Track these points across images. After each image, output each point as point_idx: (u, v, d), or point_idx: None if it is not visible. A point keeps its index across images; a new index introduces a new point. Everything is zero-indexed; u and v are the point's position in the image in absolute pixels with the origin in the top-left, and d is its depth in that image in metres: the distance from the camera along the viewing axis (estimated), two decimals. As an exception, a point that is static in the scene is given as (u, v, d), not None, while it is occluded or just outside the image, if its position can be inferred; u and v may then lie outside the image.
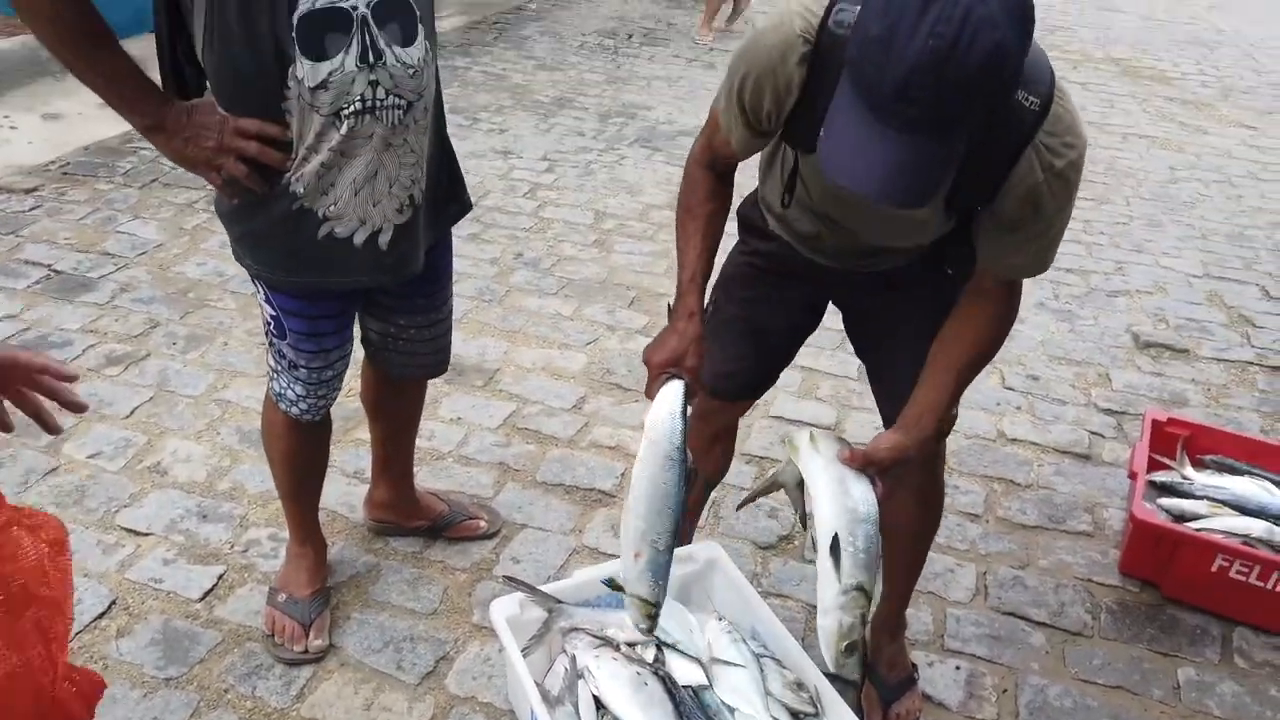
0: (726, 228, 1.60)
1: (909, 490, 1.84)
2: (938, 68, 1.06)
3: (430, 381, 2.14)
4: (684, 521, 1.48)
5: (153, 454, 2.45)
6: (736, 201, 1.72)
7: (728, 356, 1.76)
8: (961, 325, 1.47)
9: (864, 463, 1.40)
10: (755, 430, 2.74)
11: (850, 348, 1.90)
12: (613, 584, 1.69)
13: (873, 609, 1.67)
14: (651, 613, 1.48)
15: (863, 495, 1.39)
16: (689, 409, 1.44)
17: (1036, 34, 1.18)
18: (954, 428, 2.79)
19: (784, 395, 2.87)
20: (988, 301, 1.45)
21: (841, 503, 1.38)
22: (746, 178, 1.62)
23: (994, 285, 1.44)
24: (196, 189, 3.77)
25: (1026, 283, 1.49)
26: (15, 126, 4.27)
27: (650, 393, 1.46)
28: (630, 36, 6.87)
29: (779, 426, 2.77)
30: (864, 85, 1.12)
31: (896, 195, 1.16)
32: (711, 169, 1.55)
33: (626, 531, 1.45)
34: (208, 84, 1.51)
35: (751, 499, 1.68)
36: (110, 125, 4.21)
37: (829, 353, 3.05)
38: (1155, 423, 2.53)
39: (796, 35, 1.31)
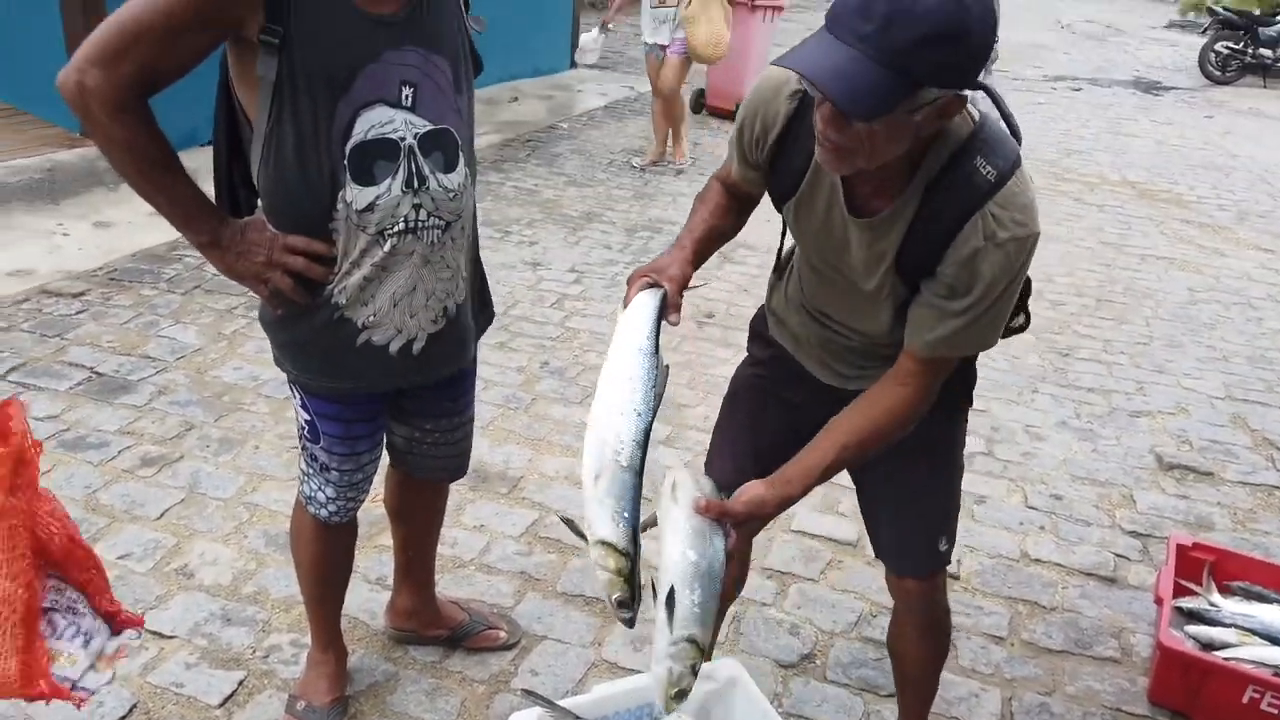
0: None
1: (912, 621, 1.84)
2: None
3: (454, 488, 2.17)
4: (648, 448, 1.31)
5: (180, 556, 2.49)
6: (749, 305, 1.79)
7: (734, 469, 1.79)
8: (868, 400, 1.48)
9: (718, 514, 1.38)
10: (776, 544, 2.74)
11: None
12: (572, 526, 1.47)
13: (710, 657, 1.61)
14: (621, 567, 1.29)
15: (710, 548, 1.36)
16: (664, 314, 1.41)
17: (1054, 156, 1.27)
18: (976, 547, 2.80)
19: (805, 509, 2.87)
20: (901, 383, 1.47)
21: (685, 554, 1.34)
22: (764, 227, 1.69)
23: (914, 365, 1.44)
24: (237, 295, 3.91)
25: (1047, 401, 1.53)
26: (68, 234, 4.47)
27: (627, 299, 1.45)
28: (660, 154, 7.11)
29: (800, 541, 2.77)
30: (831, 12, 1.20)
31: (832, 88, 1.16)
32: (725, 186, 1.65)
33: (588, 451, 1.32)
34: (259, 202, 1.60)
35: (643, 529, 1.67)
36: (157, 233, 4.40)
37: (850, 468, 3.06)
38: (1180, 547, 2.52)
39: (794, 77, 1.42)
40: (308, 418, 1.76)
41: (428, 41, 1.53)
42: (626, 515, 1.28)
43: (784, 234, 1.71)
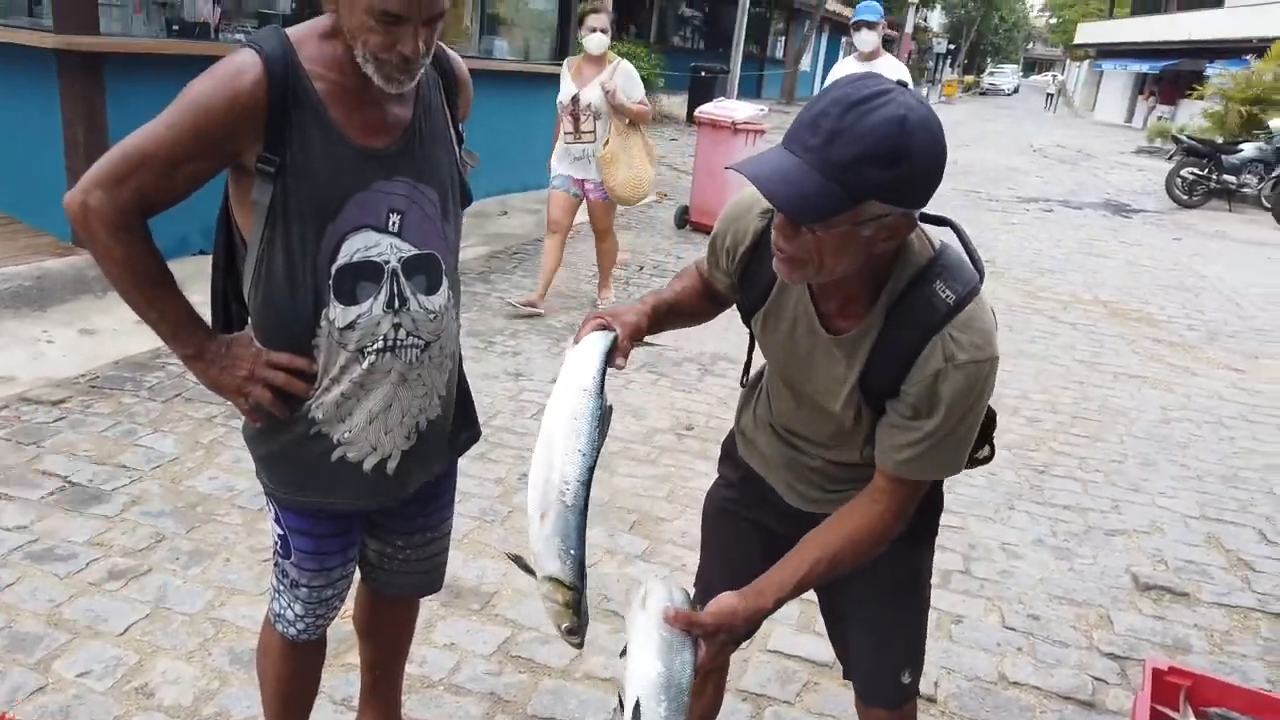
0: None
1: None
2: (845, 108, 1.20)
3: (425, 603, 2.14)
4: (591, 486, 1.37)
5: (142, 674, 2.43)
6: (728, 418, 1.83)
7: (711, 580, 1.81)
8: (841, 519, 1.50)
9: (686, 625, 1.38)
10: (752, 665, 2.70)
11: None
12: (520, 562, 1.48)
13: None
14: (570, 600, 1.33)
15: (679, 661, 1.35)
16: (612, 357, 1.43)
17: (1028, 274, 1.34)
18: (953, 669, 2.77)
19: (782, 628, 2.85)
20: (875, 500, 1.49)
21: (654, 665, 1.33)
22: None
23: (887, 483, 1.47)
24: (216, 404, 3.92)
25: (1024, 519, 1.56)
26: (52, 340, 4.50)
27: (578, 338, 1.47)
28: (641, 268, 7.28)
29: (776, 661, 2.73)
30: (789, 129, 1.27)
31: (773, 189, 1.23)
32: (701, 276, 1.70)
33: (532, 488, 1.35)
34: (249, 317, 1.65)
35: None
36: (140, 341, 4.44)
37: (827, 586, 3.05)
38: (1156, 671, 2.49)
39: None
40: (280, 532, 1.76)
41: (417, 173, 1.60)
42: (573, 551, 1.32)
43: (751, 349, 1.76)
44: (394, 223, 1.58)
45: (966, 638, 2.95)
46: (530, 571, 1.39)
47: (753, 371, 1.85)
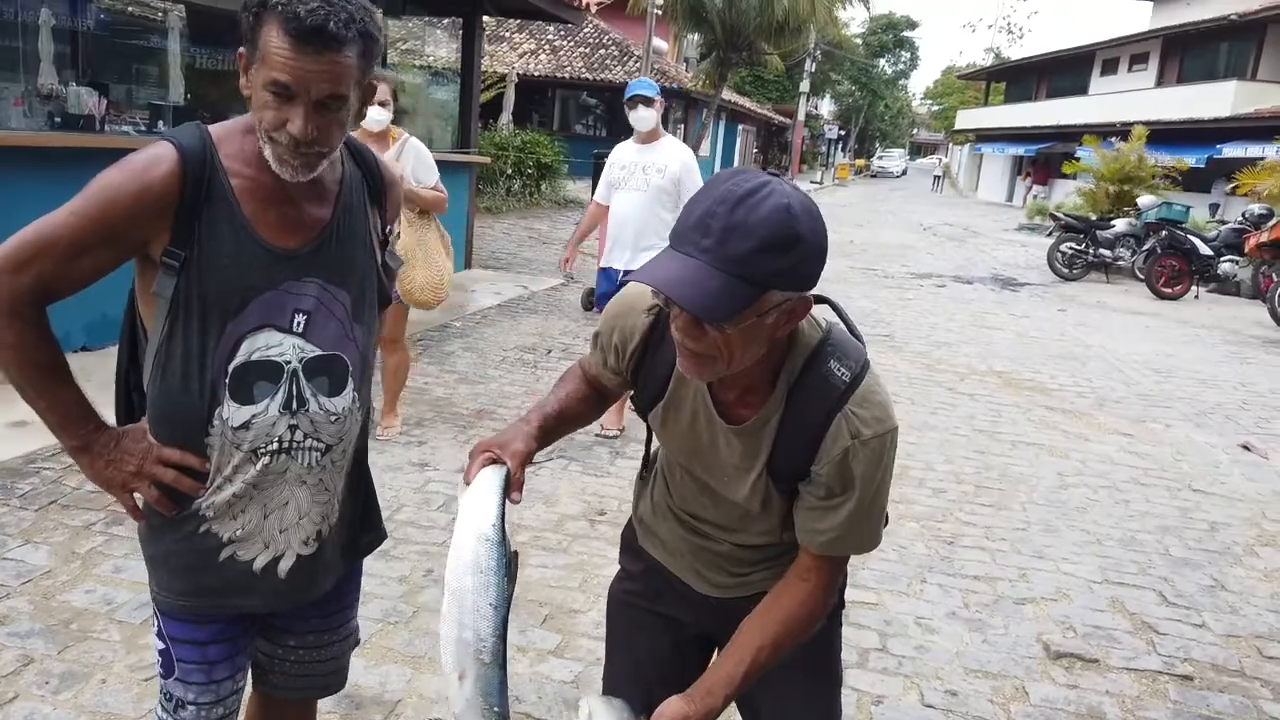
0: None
1: None
2: (732, 205, 1.22)
3: (325, 715, 2.01)
4: (506, 637, 1.33)
5: (0, 817, 2.19)
6: (613, 543, 1.79)
7: (618, 684, 1.77)
8: (774, 601, 1.50)
9: None
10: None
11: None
12: None
13: None
14: None
15: None
16: (508, 493, 1.40)
17: (925, 348, 1.41)
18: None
19: None
20: (803, 578, 1.50)
21: None
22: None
23: (813, 561, 1.49)
24: (95, 510, 3.68)
25: (936, 592, 1.56)
26: (-84, 446, 4.18)
27: (469, 476, 1.43)
28: (549, 351, 7.24)
29: None
30: (674, 232, 1.28)
31: (681, 294, 1.23)
32: (586, 375, 1.69)
33: (445, 646, 1.30)
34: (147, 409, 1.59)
35: None
36: (13, 445, 4.16)
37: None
38: (1074, 743, 2.49)
39: (649, 293, 1.49)
40: (162, 646, 1.65)
41: (329, 275, 1.58)
42: (497, 709, 1.29)
43: (649, 440, 1.74)
44: (299, 323, 1.55)
45: (887, 718, 2.91)
46: None
47: (648, 456, 1.82)
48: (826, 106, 63.64)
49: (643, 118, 5.20)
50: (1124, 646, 3.47)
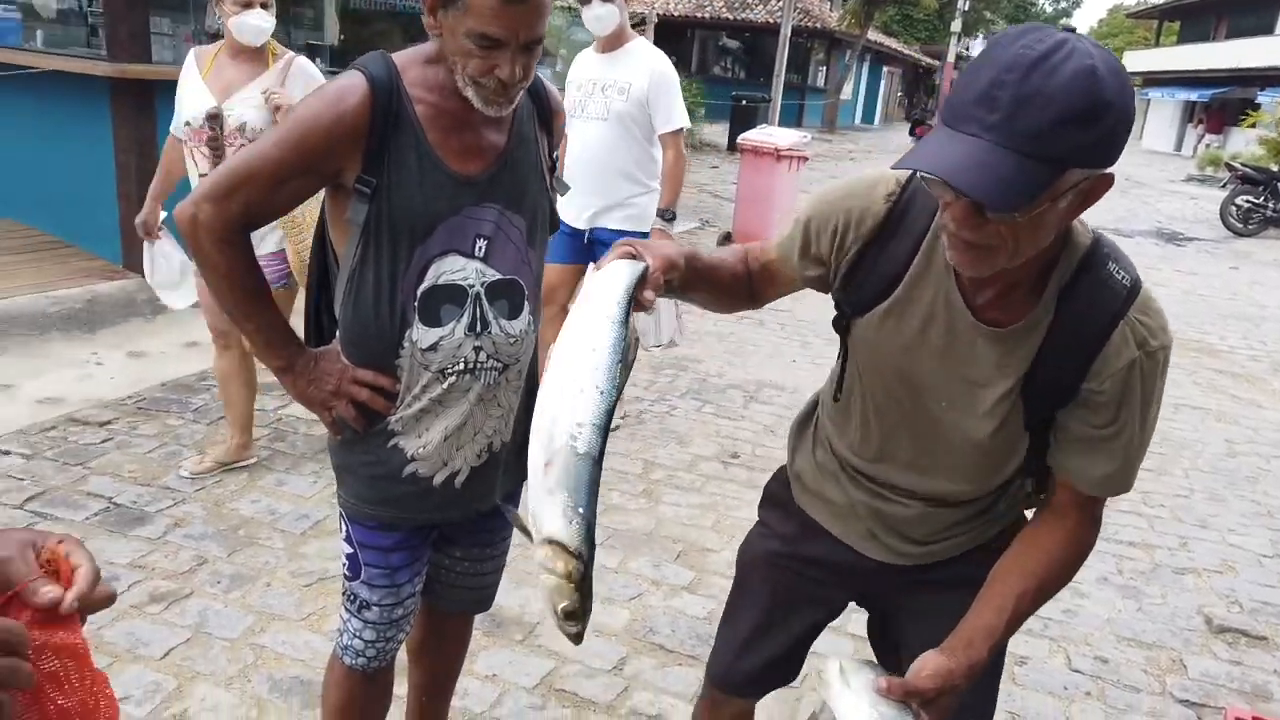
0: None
1: None
2: (1024, 71, 1.04)
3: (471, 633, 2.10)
4: (608, 433, 1.15)
5: (180, 700, 2.38)
6: (776, 446, 1.69)
7: (736, 647, 1.69)
8: (1031, 544, 1.35)
9: (904, 693, 1.24)
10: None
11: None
12: (517, 521, 1.27)
13: None
14: (572, 571, 1.12)
15: None
16: (641, 288, 1.22)
17: None
18: (1018, 713, 2.63)
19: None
20: (1062, 518, 1.35)
21: None
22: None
23: (1073, 497, 1.34)
24: (259, 427, 3.90)
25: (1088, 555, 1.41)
26: (101, 363, 4.53)
27: (600, 265, 1.27)
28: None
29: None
30: (949, 108, 1.11)
31: (966, 180, 1.06)
32: (751, 261, 1.53)
33: (537, 431, 1.14)
34: (338, 332, 1.68)
35: None
36: (187, 364, 4.46)
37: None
38: (1240, 720, 2.35)
39: (891, 178, 1.35)
40: (350, 550, 1.75)
41: (506, 200, 1.62)
42: (581, 510, 1.11)
43: (845, 358, 1.49)
44: (480, 248, 1.59)
45: (1031, 680, 2.81)
46: (526, 533, 1.18)
47: (806, 405, 1.68)
48: (979, 47, 60.47)
49: (599, 17, 3.78)
50: (1297, 625, 3.23)
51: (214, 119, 3.17)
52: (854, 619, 2.01)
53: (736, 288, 1.52)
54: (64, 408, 4.01)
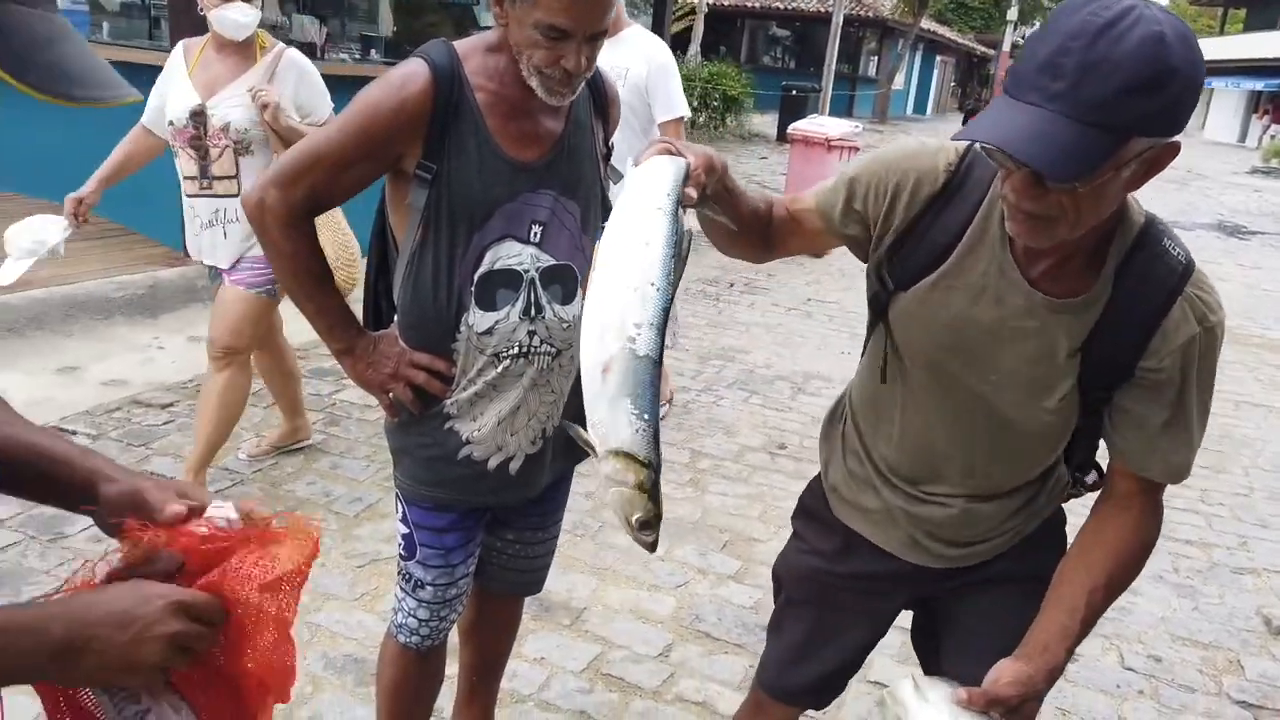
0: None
1: None
2: (1090, 39, 1.01)
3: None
4: (666, 334, 1.07)
5: (238, 674, 2.44)
6: (810, 449, 1.65)
7: (787, 659, 1.67)
8: (1095, 537, 1.33)
9: (986, 703, 1.21)
10: (851, 696, 2.58)
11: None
12: (576, 435, 1.18)
13: None
14: (644, 481, 1.06)
15: None
16: (686, 183, 1.14)
17: None
18: (1069, 710, 2.60)
19: (883, 658, 2.71)
20: (1125, 508, 1.32)
21: None
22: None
23: (1135, 484, 1.31)
24: (315, 411, 3.98)
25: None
26: (163, 347, 4.66)
27: (638, 160, 1.19)
28: (731, 285, 7.20)
29: (878, 693, 2.60)
30: (1011, 76, 1.09)
31: (1028, 151, 1.04)
32: (780, 209, 1.47)
33: (588, 337, 1.07)
34: (396, 316, 1.72)
35: None
36: (246, 348, 4.56)
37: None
38: (1301, 723, 2.29)
39: (951, 148, 1.33)
40: (405, 531, 1.79)
41: (562, 187, 1.64)
42: (647, 417, 1.04)
43: (889, 333, 1.42)
44: (535, 234, 1.61)
45: (1083, 677, 2.77)
46: (591, 448, 1.11)
47: (837, 413, 1.63)
48: (1034, 37, 59.12)
49: None
50: (1361, 629, 3.14)
51: (198, 117, 3.01)
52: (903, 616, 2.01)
53: (754, 226, 1.44)
54: (128, 390, 4.13)
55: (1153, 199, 16.27)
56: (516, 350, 1.64)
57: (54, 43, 0.81)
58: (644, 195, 1.10)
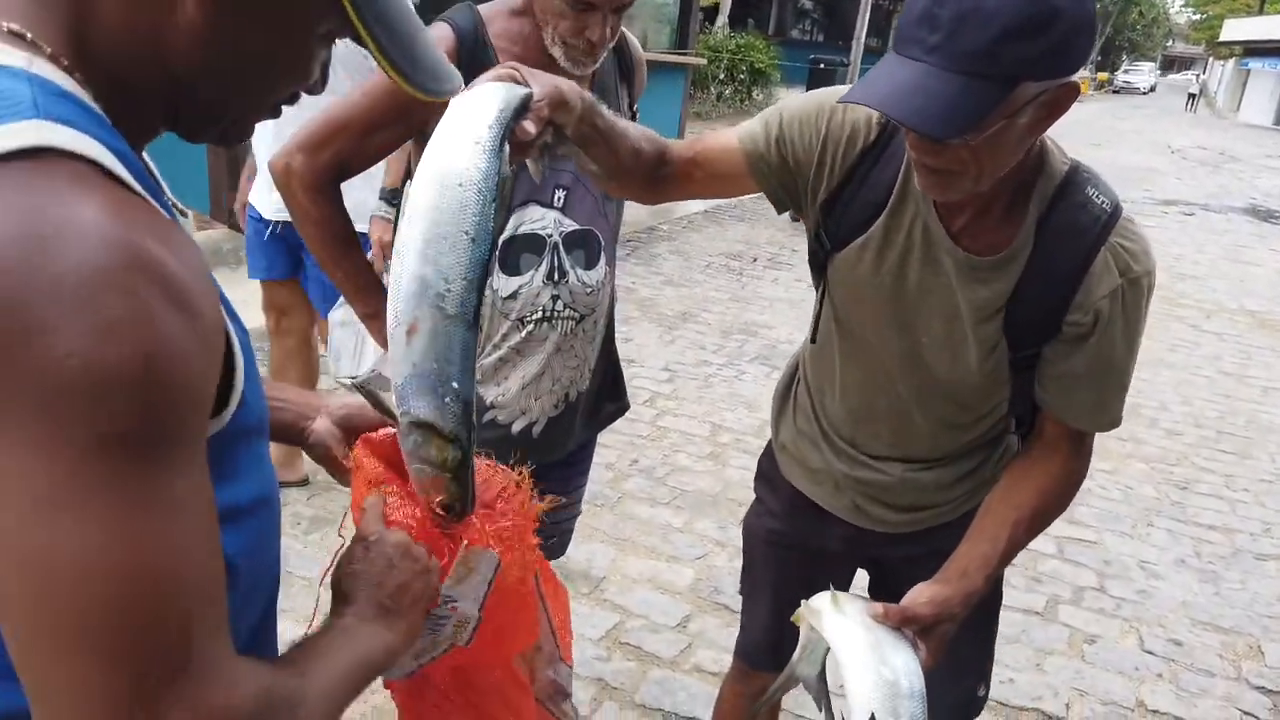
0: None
1: None
2: None
3: (539, 586, 2.14)
4: (484, 289, 0.92)
5: (262, 633, 2.48)
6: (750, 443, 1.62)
7: (759, 626, 1.70)
8: (1021, 477, 1.32)
9: (901, 619, 1.19)
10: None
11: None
12: (371, 396, 1.04)
13: None
14: (448, 459, 0.90)
15: (905, 664, 1.14)
16: (521, 117, 0.97)
17: (1166, 280, 1.20)
18: (1087, 691, 2.60)
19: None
20: (1051, 454, 1.31)
21: (878, 673, 1.12)
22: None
23: (1058, 431, 1.31)
24: (332, 377, 4.00)
25: (1163, 537, 1.39)
26: (189, 308, 4.68)
27: (472, 86, 1.00)
28: (755, 259, 7.17)
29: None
30: (896, 30, 1.08)
31: (905, 111, 1.01)
32: (678, 151, 1.35)
33: (394, 291, 0.89)
34: None
35: (769, 702, 1.50)
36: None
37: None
38: (1322, 710, 2.28)
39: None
40: None
41: None
42: (456, 385, 0.88)
43: (821, 300, 1.42)
44: (559, 198, 1.62)
45: (1101, 659, 2.77)
46: (391, 415, 0.97)
47: (786, 371, 1.64)
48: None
49: None
50: (1386, 618, 3.12)
51: None
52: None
53: (635, 169, 1.27)
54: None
55: (1185, 182, 16.02)
56: (540, 315, 1.64)
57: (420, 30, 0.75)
58: (462, 127, 0.93)
